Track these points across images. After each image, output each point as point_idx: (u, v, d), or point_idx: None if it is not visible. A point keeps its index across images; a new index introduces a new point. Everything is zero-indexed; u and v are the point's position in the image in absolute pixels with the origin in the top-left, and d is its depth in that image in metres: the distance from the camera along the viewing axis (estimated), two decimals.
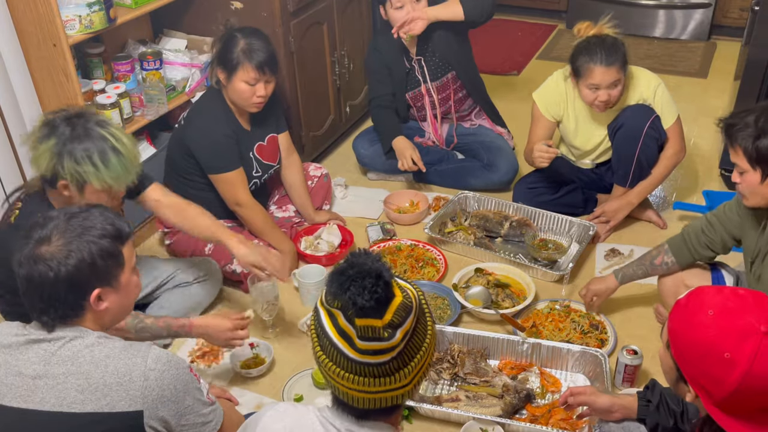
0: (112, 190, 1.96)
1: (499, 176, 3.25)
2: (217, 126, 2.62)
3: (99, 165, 1.89)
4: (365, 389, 1.17)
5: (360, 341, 1.14)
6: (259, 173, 2.80)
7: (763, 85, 2.99)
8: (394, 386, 1.18)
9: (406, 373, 1.18)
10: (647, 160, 2.85)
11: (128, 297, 1.57)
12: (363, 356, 1.15)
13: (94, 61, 2.82)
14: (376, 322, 1.13)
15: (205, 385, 1.58)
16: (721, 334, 1.27)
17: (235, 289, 2.78)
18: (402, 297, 1.16)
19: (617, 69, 2.65)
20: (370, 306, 1.11)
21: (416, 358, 1.19)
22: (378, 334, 1.13)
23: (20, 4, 2.42)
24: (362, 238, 3.04)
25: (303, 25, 3.17)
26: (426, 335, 1.21)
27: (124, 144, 1.94)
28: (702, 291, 1.36)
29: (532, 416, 2.16)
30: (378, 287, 1.12)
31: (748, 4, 3.97)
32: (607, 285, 2.44)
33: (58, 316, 1.46)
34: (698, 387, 1.32)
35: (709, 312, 1.30)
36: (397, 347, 1.15)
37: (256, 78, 2.55)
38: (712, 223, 2.21)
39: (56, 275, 1.42)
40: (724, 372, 1.25)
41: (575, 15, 5.03)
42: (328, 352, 1.18)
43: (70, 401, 1.41)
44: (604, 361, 2.21)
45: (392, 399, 1.20)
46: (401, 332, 1.15)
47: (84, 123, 1.92)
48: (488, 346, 2.37)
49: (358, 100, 3.77)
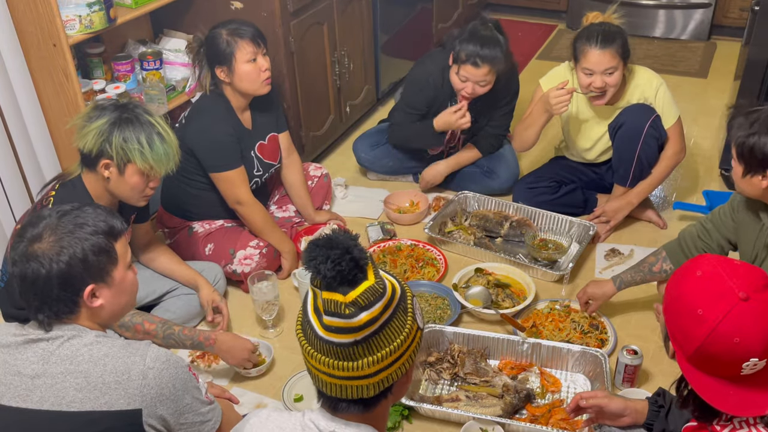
0: (152, 173, 2.09)
1: (498, 183, 3.24)
2: (217, 125, 2.62)
3: (145, 146, 2.03)
4: (331, 372, 1.18)
5: (325, 316, 1.15)
6: (260, 172, 2.80)
7: (763, 85, 2.99)
8: (357, 373, 1.17)
9: (370, 363, 1.16)
10: (648, 160, 2.84)
11: (124, 293, 1.56)
12: (327, 333, 1.16)
13: (94, 61, 2.82)
14: (339, 297, 1.13)
15: (203, 385, 1.58)
16: (700, 292, 1.32)
17: (235, 289, 2.78)
18: (374, 282, 1.16)
19: (612, 54, 2.64)
20: (332, 277, 1.12)
21: (384, 351, 1.17)
22: (340, 309, 1.13)
23: (20, 4, 2.42)
24: (362, 238, 3.03)
25: (303, 25, 3.17)
26: (401, 332, 1.20)
27: (168, 133, 2.10)
28: (702, 256, 1.42)
29: (532, 416, 2.16)
30: (343, 261, 1.12)
31: (748, 4, 3.96)
32: (604, 291, 2.44)
33: (53, 314, 1.46)
34: (675, 341, 1.38)
35: (698, 273, 1.35)
36: (360, 330, 1.14)
37: (255, 51, 2.57)
38: (708, 228, 2.23)
39: (48, 272, 1.42)
40: (694, 326, 1.31)
41: (575, 15, 5.03)
42: (304, 330, 1.21)
43: (69, 400, 1.41)
44: (604, 361, 2.21)
45: (358, 389, 1.19)
46: (366, 315, 1.14)
47: (133, 108, 2.08)
48: (488, 346, 2.37)
49: (358, 100, 3.77)
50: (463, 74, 2.86)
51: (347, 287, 1.13)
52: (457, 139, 3.29)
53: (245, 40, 2.55)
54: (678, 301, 1.36)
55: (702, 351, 1.31)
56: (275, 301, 2.50)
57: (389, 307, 1.18)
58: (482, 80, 2.86)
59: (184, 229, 2.79)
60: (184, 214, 2.78)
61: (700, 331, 1.30)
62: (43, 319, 1.46)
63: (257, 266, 2.64)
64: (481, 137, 3.22)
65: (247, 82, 2.60)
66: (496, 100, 3.07)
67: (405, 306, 1.23)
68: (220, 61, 2.57)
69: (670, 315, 1.39)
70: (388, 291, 1.19)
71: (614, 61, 2.66)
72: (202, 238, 2.74)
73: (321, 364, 1.18)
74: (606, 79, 2.68)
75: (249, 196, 2.68)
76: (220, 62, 2.57)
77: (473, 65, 2.82)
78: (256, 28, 2.62)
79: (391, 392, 1.24)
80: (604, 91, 2.73)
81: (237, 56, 2.54)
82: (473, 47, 2.80)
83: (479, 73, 2.83)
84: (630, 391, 2.21)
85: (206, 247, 2.71)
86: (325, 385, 1.21)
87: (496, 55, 2.81)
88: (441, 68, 3.01)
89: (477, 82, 2.87)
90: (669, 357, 1.43)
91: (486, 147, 3.22)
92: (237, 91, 2.64)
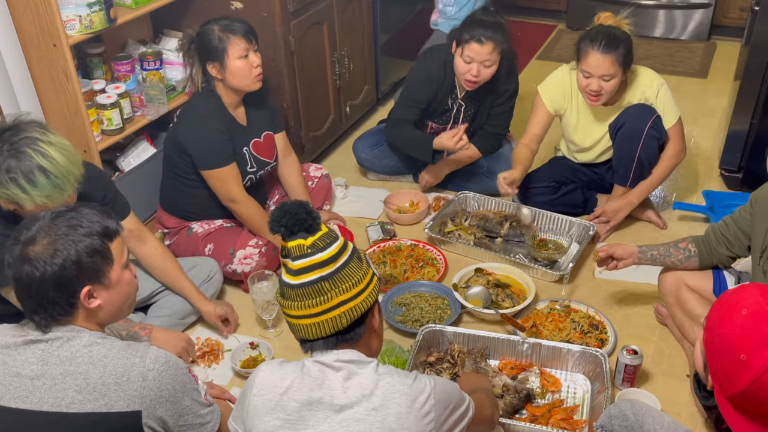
0: (50, 204, 1.84)
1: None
2: (209, 122, 2.61)
3: (26, 186, 1.80)
4: (307, 313, 1.39)
5: (292, 262, 1.39)
6: (254, 169, 2.79)
7: (763, 85, 2.99)
8: (328, 305, 1.38)
9: (337, 293, 1.38)
10: (648, 160, 2.85)
11: (122, 293, 1.56)
12: (297, 277, 1.39)
13: (94, 61, 2.82)
14: (302, 241, 1.39)
15: (203, 386, 1.58)
16: (744, 335, 1.27)
17: (235, 289, 2.78)
18: (327, 230, 1.43)
19: (612, 61, 2.64)
20: (292, 224, 1.38)
21: (347, 284, 1.40)
22: (304, 251, 1.38)
23: (20, 4, 2.42)
24: (362, 238, 3.04)
25: (303, 25, 3.16)
26: (359, 271, 1.43)
27: (53, 160, 1.82)
28: (747, 287, 1.37)
29: (532, 416, 2.16)
30: (298, 213, 1.39)
31: (748, 4, 3.96)
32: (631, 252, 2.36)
33: (50, 315, 1.46)
34: (715, 378, 1.34)
35: (743, 311, 1.30)
36: (324, 266, 1.38)
37: (247, 47, 2.56)
38: (727, 222, 2.22)
39: (42, 275, 1.42)
40: (737, 372, 1.27)
41: (575, 15, 5.04)
42: (282, 292, 1.43)
43: (68, 401, 1.41)
44: (604, 361, 2.21)
45: (333, 321, 1.39)
46: (326, 254, 1.39)
47: (11, 138, 1.81)
48: (488, 346, 2.37)
49: (358, 100, 3.77)
50: (468, 54, 2.87)
51: (306, 233, 1.39)
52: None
53: (237, 36, 2.54)
54: (721, 340, 1.31)
55: (744, 396, 1.27)
56: (275, 301, 2.49)
57: (345, 251, 1.43)
58: (487, 59, 2.88)
59: (184, 229, 2.79)
60: (182, 214, 2.78)
61: (744, 378, 1.26)
62: (40, 320, 1.46)
63: (257, 265, 2.64)
64: (480, 137, 3.23)
65: (239, 78, 2.59)
66: (495, 87, 3.08)
67: (360, 256, 1.47)
68: (212, 57, 2.57)
69: (712, 352, 1.34)
70: (341, 239, 1.44)
71: (613, 69, 2.65)
72: (201, 239, 2.73)
73: (298, 310, 1.40)
74: (603, 84, 2.68)
75: (242, 193, 2.67)
76: (211, 58, 2.57)
77: (477, 42, 2.84)
78: (247, 24, 2.61)
79: (365, 323, 1.44)
80: (599, 96, 2.73)
81: (229, 52, 2.54)
82: (476, 28, 2.85)
83: (484, 51, 2.85)
84: (630, 391, 2.21)
85: (206, 247, 2.71)
86: (306, 330, 1.41)
87: (499, 33, 2.86)
88: (443, 62, 3.03)
89: (482, 61, 2.88)
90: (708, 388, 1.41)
91: (486, 147, 3.23)
92: (229, 87, 2.63)
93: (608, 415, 1.81)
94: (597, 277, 2.77)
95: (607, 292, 2.70)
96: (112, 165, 2.90)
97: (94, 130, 2.68)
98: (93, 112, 2.67)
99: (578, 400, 2.23)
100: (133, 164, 2.91)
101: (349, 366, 1.40)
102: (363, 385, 1.38)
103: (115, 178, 2.83)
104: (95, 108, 2.68)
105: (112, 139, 2.75)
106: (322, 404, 1.36)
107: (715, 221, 2.94)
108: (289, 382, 1.39)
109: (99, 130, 2.72)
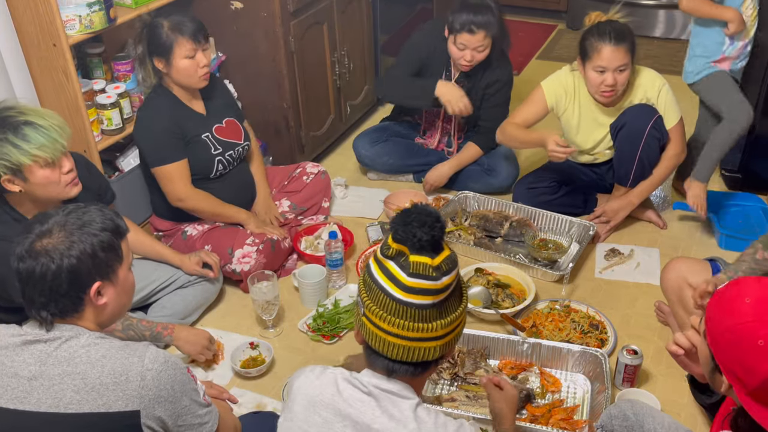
0: (50, 159, 1.93)
1: (499, 181, 3.25)
2: (155, 119, 2.60)
3: (17, 141, 1.88)
4: (403, 333, 1.28)
5: (409, 278, 1.26)
6: (219, 150, 2.73)
7: (763, 86, 2.99)
8: (429, 335, 1.28)
9: (442, 325, 1.29)
10: (649, 160, 2.84)
11: (125, 294, 1.57)
12: (408, 295, 1.26)
13: (94, 61, 2.82)
14: (429, 260, 1.26)
15: (201, 387, 1.58)
16: (756, 321, 1.25)
17: (235, 289, 2.78)
18: (450, 252, 1.30)
19: (625, 51, 2.65)
20: (427, 240, 1.25)
21: (452, 315, 1.30)
22: (428, 272, 1.26)
23: (20, 4, 2.42)
24: (362, 238, 3.03)
25: (303, 25, 3.16)
26: (462, 300, 1.35)
27: (38, 115, 1.93)
28: (742, 280, 1.35)
29: (532, 416, 2.16)
30: (436, 227, 1.26)
31: None
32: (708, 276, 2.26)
33: (58, 311, 1.45)
34: (731, 376, 1.30)
35: (747, 300, 1.28)
36: (441, 292, 1.27)
37: (194, 48, 2.54)
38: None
39: (59, 267, 1.42)
40: (758, 359, 1.23)
41: (575, 15, 5.03)
42: (374, 297, 1.30)
43: (67, 402, 1.41)
44: (604, 361, 2.21)
45: (425, 351, 1.29)
46: (447, 279, 1.27)
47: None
48: (488, 346, 2.37)
49: (358, 100, 3.77)
50: (461, 42, 2.96)
51: (433, 252, 1.27)
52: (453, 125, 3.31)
53: (185, 37, 2.52)
54: (731, 333, 1.28)
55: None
56: (275, 301, 2.50)
57: (458, 278, 1.33)
58: (479, 45, 2.97)
59: (178, 232, 2.79)
60: (172, 216, 2.77)
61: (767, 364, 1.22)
62: (47, 316, 1.45)
63: (256, 263, 2.64)
64: (479, 134, 3.23)
65: (184, 76, 2.58)
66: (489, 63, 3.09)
67: (461, 280, 1.37)
68: (159, 53, 2.56)
69: (724, 349, 1.30)
70: (457, 263, 1.32)
71: (626, 59, 2.66)
72: (198, 240, 2.73)
73: (394, 327, 1.28)
74: (617, 76, 2.68)
75: (188, 190, 2.65)
76: (158, 54, 2.56)
77: (468, 32, 2.93)
78: (198, 22, 2.58)
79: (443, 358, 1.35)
80: (614, 89, 2.71)
81: (175, 51, 2.53)
82: (466, 15, 2.91)
83: (475, 40, 2.94)
84: (630, 391, 2.21)
85: (204, 248, 2.70)
86: (391, 348, 1.30)
87: (490, 20, 2.94)
88: (435, 36, 3.11)
89: (475, 48, 2.97)
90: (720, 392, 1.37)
91: (487, 143, 3.22)
92: (175, 83, 2.63)
93: (608, 415, 1.81)
94: (597, 277, 2.77)
95: (607, 292, 2.70)
96: (112, 165, 2.90)
97: (94, 130, 2.68)
98: (93, 112, 2.68)
99: (578, 400, 2.23)
100: (132, 164, 2.91)
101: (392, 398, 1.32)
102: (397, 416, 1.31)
103: (115, 177, 2.83)
104: (95, 108, 2.69)
105: (111, 139, 2.75)
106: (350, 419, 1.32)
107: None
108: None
109: (99, 130, 2.72)
